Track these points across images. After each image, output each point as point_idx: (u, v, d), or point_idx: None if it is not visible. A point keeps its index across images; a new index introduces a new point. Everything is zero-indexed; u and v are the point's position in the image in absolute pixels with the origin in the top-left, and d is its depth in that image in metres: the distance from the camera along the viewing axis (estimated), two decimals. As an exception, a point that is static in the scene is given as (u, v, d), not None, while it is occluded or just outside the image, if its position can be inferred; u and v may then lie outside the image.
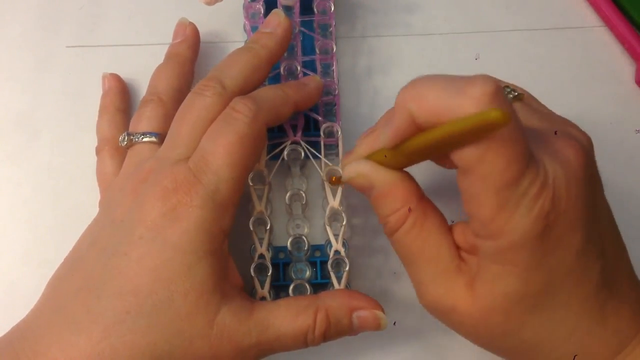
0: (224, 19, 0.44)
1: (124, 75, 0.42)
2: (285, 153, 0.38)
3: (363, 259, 0.39)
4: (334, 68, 0.40)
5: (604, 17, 0.44)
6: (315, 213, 0.40)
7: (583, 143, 0.29)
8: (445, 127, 0.26)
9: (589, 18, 0.44)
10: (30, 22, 0.44)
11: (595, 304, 0.29)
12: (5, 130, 0.42)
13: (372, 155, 0.32)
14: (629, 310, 0.30)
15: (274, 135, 0.38)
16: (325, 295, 0.33)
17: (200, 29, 0.42)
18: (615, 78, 0.43)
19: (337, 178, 0.36)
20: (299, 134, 0.38)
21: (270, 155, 0.37)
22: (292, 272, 0.37)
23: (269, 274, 0.35)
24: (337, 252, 0.36)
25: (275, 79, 0.39)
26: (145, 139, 0.36)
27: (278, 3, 0.40)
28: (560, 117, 0.32)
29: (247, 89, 0.35)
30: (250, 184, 0.36)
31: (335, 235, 0.36)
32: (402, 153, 0.30)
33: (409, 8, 0.44)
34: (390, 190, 0.31)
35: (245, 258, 0.36)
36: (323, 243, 0.38)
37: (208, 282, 0.31)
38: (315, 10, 0.40)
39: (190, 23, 0.41)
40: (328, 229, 0.36)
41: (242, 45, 0.37)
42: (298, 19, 0.40)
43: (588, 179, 0.28)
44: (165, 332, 0.30)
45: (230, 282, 0.33)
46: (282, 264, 0.37)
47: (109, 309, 0.30)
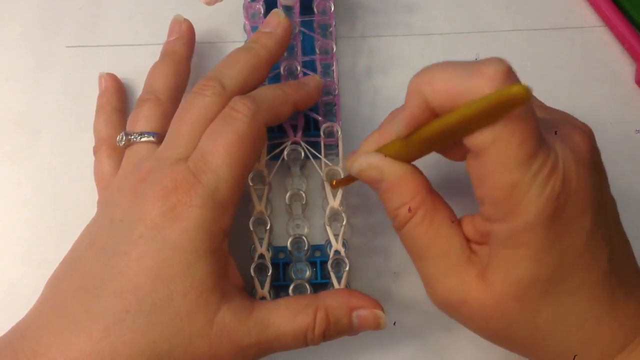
0: (224, 19, 0.44)
1: (124, 75, 0.42)
2: (285, 153, 0.38)
3: (363, 259, 0.39)
4: (334, 68, 0.40)
5: (604, 17, 0.44)
6: (315, 213, 0.40)
7: (586, 131, 0.30)
8: (463, 109, 0.26)
9: (589, 18, 0.44)
10: (30, 22, 0.44)
11: (605, 291, 0.29)
12: (5, 130, 0.42)
13: (381, 149, 0.32)
14: (636, 303, 0.30)
15: (274, 135, 0.38)
16: (325, 295, 0.33)
17: (200, 29, 0.42)
18: (615, 78, 0.43)
19: (337, 181, 0.36)
20: (299, 134, 0.38)
21: (271, 156, 0.37)
22: (292, 272, 0.37)
23: (269, 274, 0.35)
24: (337, 252, 0.36)
25: (275, 79, 0.39)
26: (144, 139, 0.36)
27: (278, 3, 0.40)
28: (560, 110, 0.33)
29: (246, 89, 0.35)
30: (250, 184, 0.36)
31: (335, 235, 0.36)
32: (414, 142, 0.29)
33: (409, 8, 0.44)
34: (400, 182, 0.31)
35: (245, 258, 0.36)
36: (323, 243, 0.38)
37: (208, 281, 0.31)
38: (315, 10, 0.40)
39: (185, 19, 0.41)
40: (328, 229, 0.36)
41: (241, 45, 0.37)
42: (298, 19, 0.40)
43: (595, 164, 0.29)
44: (165, 331, 0.30)
45: (230, 281, 0.33)
46: (282, 264, 0.37)
47: (109, 308, 0.30)
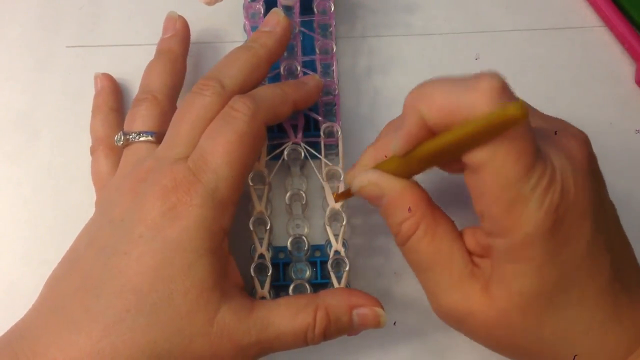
0: (224, 19, 0.44)
1: (124, 75, 0.42)
2: (286, 153, 0.38)
3: (363, 259, 0.39)
4: (334, 68, 0.40)
5: (604, 17, 0.44)
6: (315, 213, 0.40)
7: (582, 138, 0.30)
8: (459, 129, 0.26)
9: (589, 18, 0.44)
10: (30, 22, 0.44)
11: (609, 298, 0.29)
12: (5, 130, 0.42)
13: (379, 165, 0.32)
14: None
15: (274, 136, 0.38)
16: (325, 294, 0.33)
17: (200, 29, 0.42)
18: (615, 78, 0.43)
19: (338, 195, 0.36)
20: (299, 135, 0.38)
21: (271, 156, 0.37)
22: (292, 272, 0.37)
23: (269, 274, 0.35)
24: (337, 252, 0.36)
25: (275, 79, 0.39)
26: (142, 138, 0.36)
27: (278, 3, 0.40)
28: (556, 118, 0.33)
29: (246, 88, 0.35)
30: (250, 184, 0.36)
31: (335, 235, 0.36)
32: (413, 160, 0.29)
33: (409, 8, 0.44)
34: (401, 198, 0.31)
35: (245, 258, 0.36)
36: (323, 243, 0.38)
37: (208, 280, 0.31)
38: (315, 10, 0.40)
39: (180, 16, 0.41)
40: (328, 229, 0.36)
41: (241, 45, 0.37)
42: (298, 19, 0.40)
43: (592, 171, 0.29)
44: (166, 330, 0.30)
45: (231, 280, 0.33)
46: (282, 264, 0.37)
47: (109, 308, 0.30)
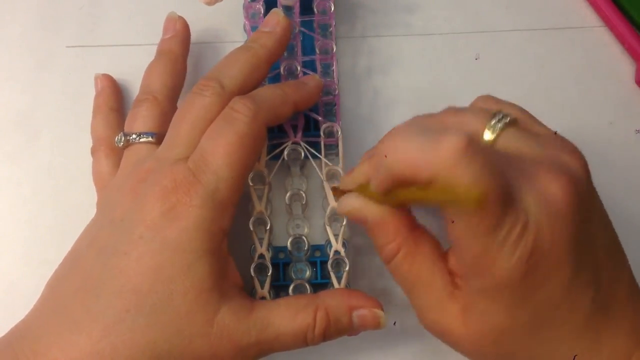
0: (224, 19, 0.44)
1: (124, 75, 0.42)
2: (285, 153, 0.38)
3: (363, 259, 0.39)
4: (334, 68, 0.40)
5: (604, 17, 0.44)
6: (315, 213, 0.40)
7: (574, 173, 0.28)
8: (421, 191, 0.27)
9: (589, 18, 0.44)
10: (30, 22, 0.44)
11: (589, 330, 0.28)
12: (5, 130, 0.42)
13: (364, 191, 0.32)
14: (626, 328, 0.29)
15: (274, 136, 0.38)
16: (325, 294, 0.33)
17: (200, 29, 0.42)
18: (615, 78, 0.43)
19: (339, 191, 0.36)
20: (299, 134, 0.38)
21: (271, 156, 0.37)
22: (292, 272, 0.37)
23: (269, 274, 0.35)
24: (337, 252, 0.36)
25: (275, 79, 0.39)
26: (143, 139, 0.36)
27: (278, 3, 0.40)
28: (556, 138, 0.30)
29: (246, 89, 0.35)
30: (250, 184, 0.36)
31: (335, 235, 0.36)
32: (390, 200, 0.30)
33: (409, 8, 0.44)
34: (381, 224, 0.31)
35: (245, 258, 0.36)
36: (323, 243, 0.38)
37: (207, 280, 0.31)
38: (315, 10, 0.40)
39: (180, 17, 0.41)
40: (328, 229, 0.36)
41: (241, 45, 0.37)
42: (298, 19, 0.40)
43: (577, 212, 0.27)
44: (165, 330, 0.30)
45: (230, 281, 0.33)
46: (282, 264, 0.37)
47: (109, 308, 0.30)
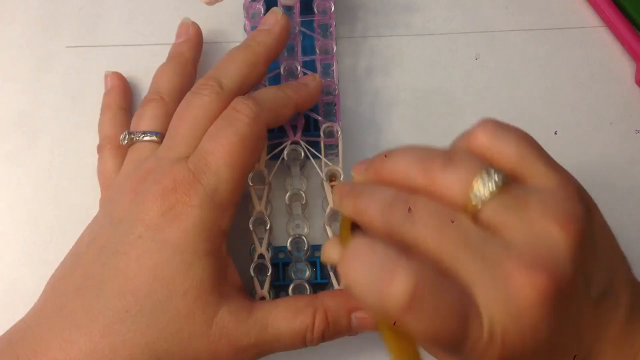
0: (224, 19, 0.44)
1: (124, 75, 0.42)
2: (285, 153, 0.38)
3: (363, 259, 0.39)
4: (334, 68, 0.40)
5: (604, 17, 0.44)
6: (315, 213, 0.40)
7: (554, 262, 0.24)
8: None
9: (589, 18, 0.44)
10: (30, 22, 0.44)
11: None
12: (5, 130, 0.42)
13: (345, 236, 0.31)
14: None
15: (274, 135, 0.38)
16: (324, 295, 0.33)
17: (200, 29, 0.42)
18: (615, 78, 0.43)
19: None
20: (299, 134, 0.38)
21: (270, 155, 0.37)
22: (291, 272, 0.37)
23: (269, 274, 0.35)
24: (333, 237, 0.36)
25: (275, 79, 0.39)
26: (146, 138, 0.36)
27: (278, 3, 0.40)
28: (552, 196, 0.26)
29: (245, 87, 0.35)
30: (250, 184, 0.36)
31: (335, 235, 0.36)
32: None
33: (409, 8, 0.44)
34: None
35: (245, 258, 0.36)
36: (323, 243, 0.38)
37: (207, 281, 0.31)
38: (316, 10, 0.40)
39: (193, 23, 0.41)
40: (328, 229, 0.36)
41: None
42: (298, 19, 0.40)
43: (552, 311, 0.24)
44: (164, 331, 0.30)
45: (229, 281, 0.33)
46: (281, 264, 0.37)
47: (109, 308, 0.30)
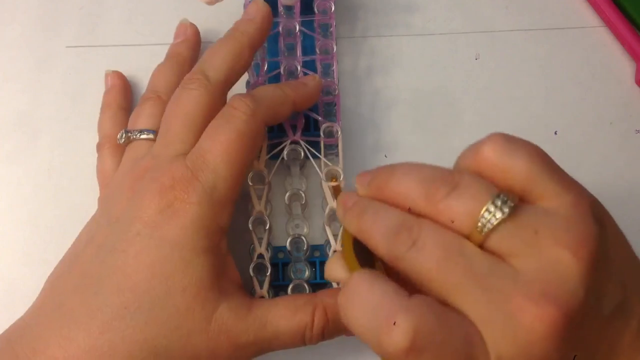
0: (224, 19, 0.43)
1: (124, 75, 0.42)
2: (285, 153, 0.38)
3: (363, 259, 0.39)
4: (334, 68, 0.40)
5: (604, 17, 0.44)
6: (315, 213, 0.40)
7: (564, 292, 0.24)
8: None
9: (589, 18, 0.44)
10: (30, 22, 0.44)
11: None
12: (5, 130, 0.42)
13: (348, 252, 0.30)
14: None
15: (274, 135, 0.38)
16: (324, 294, 0.33)
17: (200, 29, 0.42)
18: (615, 78, 0.43)
19: (338, 187, 0.36)
20: (299, 134, 0.38)
21: (270, 155, 0.37)
22: (291, 272, 0.37)
23: (268, 274, 0.35)
24: (336, 252, 0.36)
25: (275, 79, 0.39)
26: (143, 136, 0.36)
27: (278, 3, 0.40)
28: (564, 221, 0.24)
29: (231, 78, 0.35)
30: (250, 184, 0.36)
31: (335, 235, 0.36)
32: None
33: (409, 8, 0.44)
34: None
35: (245, 258, 0.36)
36: (322, 243, 0.38)
37: (206, 278, 0.31)
38: (316, 10, 0.40)
39: (191, 24, 0.42)
40: (327, 229, 0.36)
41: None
42: (298, 19, 0.40)
43: (560, 343, 0.24)
44: (163, 327, 0.30)
45: (229, 279, 0.33)
46: (281, 264, 0.37)
47: (107, 305, 0.30)
